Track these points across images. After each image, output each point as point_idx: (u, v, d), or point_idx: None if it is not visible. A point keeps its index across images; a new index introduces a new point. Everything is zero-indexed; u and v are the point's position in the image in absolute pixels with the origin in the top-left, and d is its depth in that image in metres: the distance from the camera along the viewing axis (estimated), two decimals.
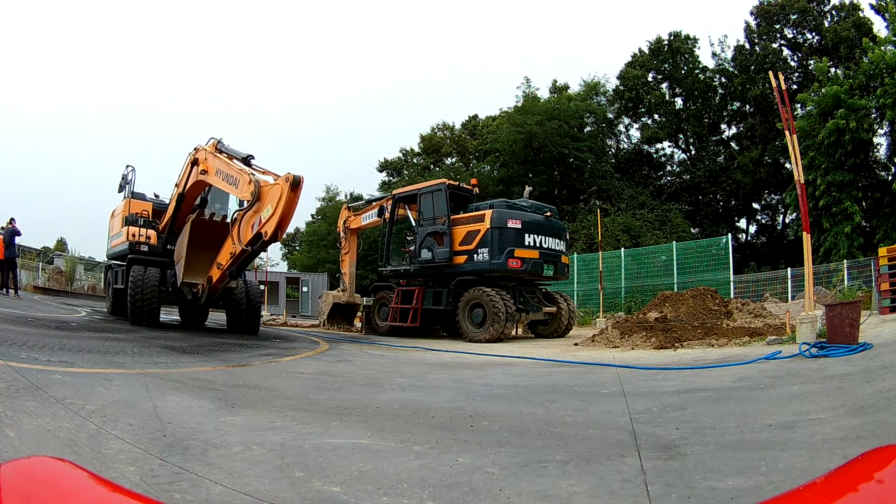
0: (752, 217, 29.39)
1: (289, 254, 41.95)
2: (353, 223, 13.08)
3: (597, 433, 2.72)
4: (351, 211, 13.34)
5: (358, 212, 13.16)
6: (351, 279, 13.16)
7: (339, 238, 13.50)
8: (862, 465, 0.68)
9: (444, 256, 10.32)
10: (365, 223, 12.89)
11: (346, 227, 13.16)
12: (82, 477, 0.69)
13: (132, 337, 7.17)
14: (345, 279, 13.29)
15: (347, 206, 13.78)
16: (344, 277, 13.32)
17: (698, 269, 16.79)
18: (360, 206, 13.44)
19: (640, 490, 1.88)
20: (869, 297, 10.86)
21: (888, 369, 3.80)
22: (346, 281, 13.20)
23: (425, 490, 1.89)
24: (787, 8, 25.63)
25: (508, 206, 10.46)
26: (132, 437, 2.36)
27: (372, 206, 12.70)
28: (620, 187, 26.24)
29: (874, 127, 18.71)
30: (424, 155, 36.00)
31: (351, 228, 13.09)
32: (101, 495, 0.66)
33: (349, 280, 13.15)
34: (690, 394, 3.71)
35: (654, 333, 7.54)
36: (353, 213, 13.22)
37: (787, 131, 6.26)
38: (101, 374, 3.85)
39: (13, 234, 13.71)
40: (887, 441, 0.95)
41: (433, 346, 8.61)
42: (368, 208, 12.87)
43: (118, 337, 6.91)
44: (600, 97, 29.33)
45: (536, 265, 10.00)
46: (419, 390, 4.25)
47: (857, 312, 5.25)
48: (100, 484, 0.69)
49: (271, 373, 4.96)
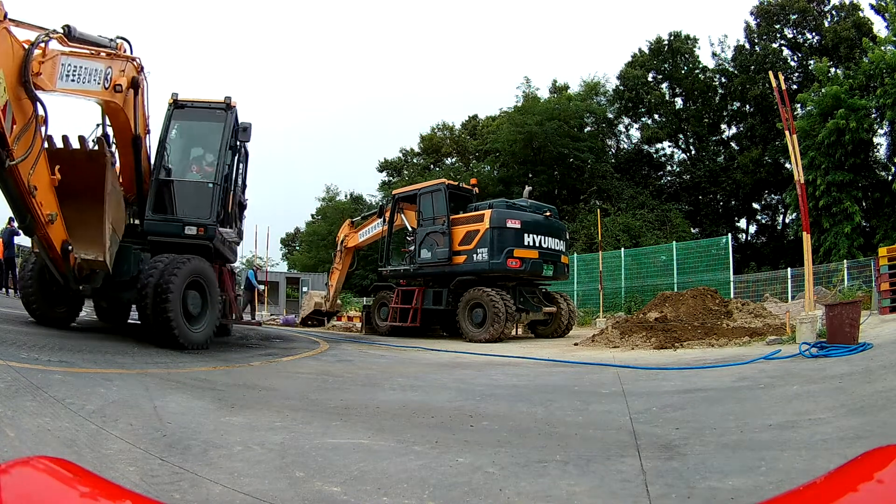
0: (752, 217, 29.39)
1: (289, 254, 41.99)
2: (350, 241, 12.77)
3: (597, 433, 2.72)
4: (352, 226, 13.04)
5: (357, 227, 12.89)
6: (335, 292, 13.23)
7: (336, 251, 13.32)
8: (862, 465, 0.68)
9: (444, 256, 10.31)
10: (362, 240, 12.61)
11: (344, 245, 12.87)
12: (82, 477, 0.69)
13: (132, 337, 7.17)
14: (330, 290, 13.39)
15: (351, 220, 13.49)
16: (329, 289, 13.40)
17: (698, 269, 16.79)
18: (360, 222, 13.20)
19: (640, 490, 1.87)
20: (869, 297, 10.85)
21: (888, 369, 3.80)
22: (331, 293, 13.31)
23: (425, 490, 1.89)
24: (787, 8, 25.62)
25: (508, 205, 10.45)
26: (132, 437, 2.36)
27: (369, 221, 12.47)
28: (620, 187, 26.23)
29: (874, 127, 18.70)
30: (424, 155, 36.01)
31: (347, 247, 12.80)
32: (100, 495, 0.66)
33: (333, 292, 13.23)
34: (690, 394, 3.71)
35: (654, 333, 7.54)
36: (353, 229, 12.90)
37: (787, 131, 6.26)
38: (101, 374, 3.85)
39: (12, 234, 13.71)
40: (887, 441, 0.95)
41: (433, 346, 8.61)
42: (366, 223, 12.63)
43: (118, 337, 6.91)
44: (600, 97, 29.33)
45: (536, 265, 9.98)
46: (419, 390, 4.24)
47: (857, 312, 5.25)
48: (100, 484, 0.69)
49: (271, 373, 4.96)
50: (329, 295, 13.36)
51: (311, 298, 14.10)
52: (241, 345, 7.47)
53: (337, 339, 9.86)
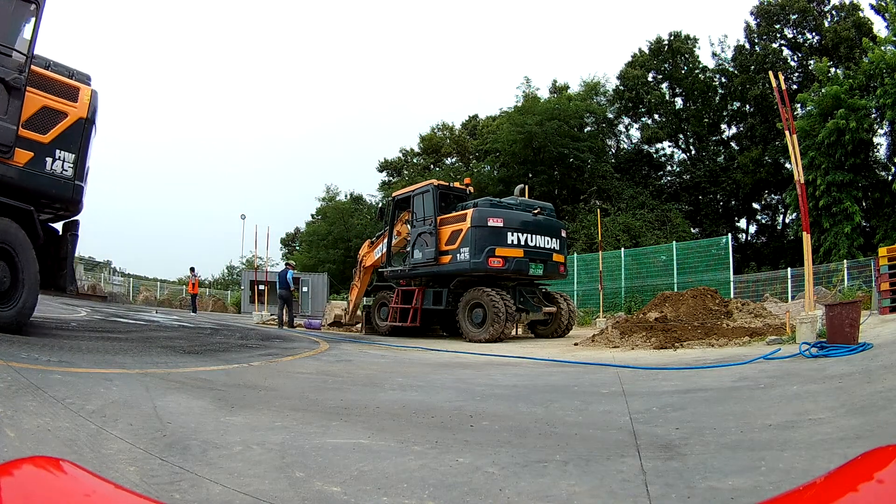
0: (752, 217, 29.41)
1: (289, 254, 41.98)
2: (367, 260, 12.87)
3: (597, 433, 2.72)
4: (370, 245, 13.05)
5: (373, 246, 12.90)
6: (354, 307, 13.56)
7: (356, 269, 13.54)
8: (862, 465, 0.68)
9: (431, 256, 10.33)
10: (377, 257, 12.60)
11: (362, 264, 13.04)
12: (82, 477, 0.69)
13: (132, 337, 7.18)
14: (349, 305, 13.85)
15: (370, 240, 13.42)
16: (349, 303, 13.83)
17: (698, 269, 16.79)
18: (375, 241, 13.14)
19: (640, 490, 1.87)
20: (869, 297, 10.86)
21: (888, 369, 3.79)
22: (350, 307, 13.72)
23: (425, 490, 1.89)
24: (787, 8, 25.63)
25: (492, 204, 10.37)
26: (132, 437, 2.36)
27: (382, 238, 12.39)
28: (620, 187, 26.24)
29: (874, 127, 18.72)
30: (424, 155, 36.03)
31: (365, 267, 12.95)
32: (100, 495, 0.66)
33: (352, 307, 13.59)
34: (690, 394, 3.71)
35: (654, 333, 7.54)
36: (370, 248, 12.93)
37: (787, 131, 6.26)
38: (101, 374, 3.85)
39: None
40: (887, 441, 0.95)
41: (433, 346, 8.61)
42: (379, 241, 12.58)
43: (118, 337, 6.91)
44: (600, 97, 29.34)
45: (521, 264, 9.83)
46: (419, 390, 4.24)
47: (857, 312, 5.25)
48: (100, 484, 0.69)
49: (271, 373, 4.96)
50: (349, 308, 13.87)
51: (332, 309, 15.03)
52: (241, 345, 7.47)
53: (337, 339, 9.86)
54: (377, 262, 12.62)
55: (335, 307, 15.08)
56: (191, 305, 21.42)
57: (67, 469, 0.70)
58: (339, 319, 14.29)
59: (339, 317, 14.34)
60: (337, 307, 15.03)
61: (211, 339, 8.14)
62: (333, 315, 14.58)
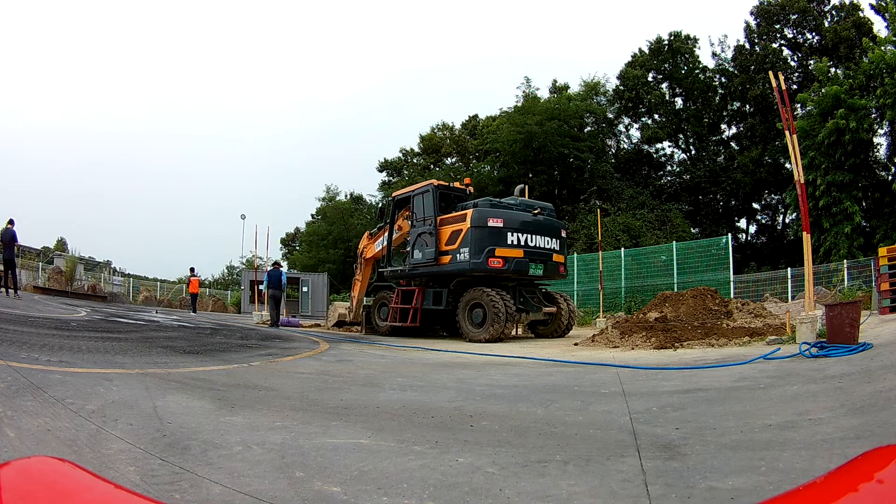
0: (752, 217, 29.42)
1: (289, 254, 41.99)
2: (368, 252, 12.89)
3: (597, 433, 2.72)
4: (370, 238, 13.08)
5: (374, 238, 12.92)
6: (358, 303, 13.34)
7: (356, 263, 13.51)
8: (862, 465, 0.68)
9: (431, 256, 10.31)
10: (378, 250, 12.61)
11: (362, 256, 13.03)
12: (82, 477, 0.69)
13: (132, 337, 7.18)
14: (352, 302, 13.58)
15: (369, 232, 13.47)
16: (352, 300, 13.59)
17: (698, 269, 16.79)
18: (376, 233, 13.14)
19: (640, 490, 1.87)
20: (869, 297, 10.86)
21: (888, 369, 3.79)
22: (353, 304, 13.47)
23: (425, 490, 1.89)
24: (787, 8, 25.65)
25: (492, 204, 10.35)
26: (132, 437, 2.36)
27: (383, 231, 12.43)
28: (620, 187, 26.25)
29: (874, 127, 18.73)
30: (424, 155, 36.04)
31: (366, 258, 12.95)
32: (101, 495, 0.66)
33: (356, 303, 13.35)
34: (690, 394, 3.71)
35: (654, 333, 7.53)
36: (370, 240, 12.96)
37: (787, 131, 6.26)
38: (101, 374, 3.85)
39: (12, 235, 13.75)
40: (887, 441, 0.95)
41: (433, 346, 8.61)
42: (380, 234, 12.61)
43: (118, 337, 6.91)
44: (600, 97, 29.36)
45: (521, 264, 9.82)
46: (419, 390, 4.24)
47: (857, 312, 5.25)
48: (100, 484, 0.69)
49: (271, 373, 4.96)
50: (352, 306, 13.56)
51: (335, 310, 14.45)
52: (241, 345, 7.47)
53: (337, 339, 9.86)
54: (378, 255, 12.60)
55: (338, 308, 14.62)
56: (191, 305, 21.44)
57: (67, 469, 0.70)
58: (342, 319, 13.94)
59: (343, 316, 13.94)
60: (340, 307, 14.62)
61: (211, 339, 8.14)
62: (337, 315, 14.15)
